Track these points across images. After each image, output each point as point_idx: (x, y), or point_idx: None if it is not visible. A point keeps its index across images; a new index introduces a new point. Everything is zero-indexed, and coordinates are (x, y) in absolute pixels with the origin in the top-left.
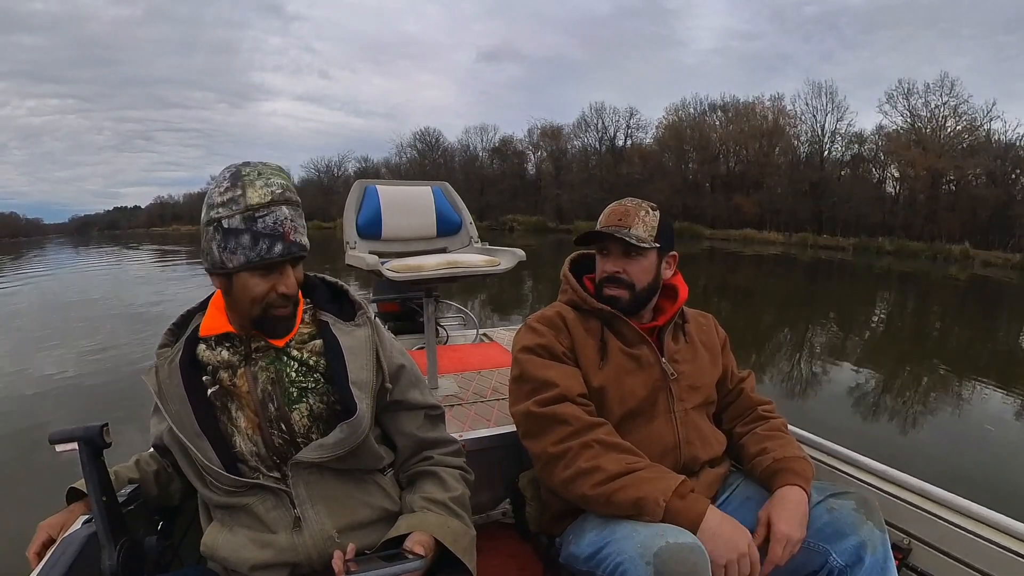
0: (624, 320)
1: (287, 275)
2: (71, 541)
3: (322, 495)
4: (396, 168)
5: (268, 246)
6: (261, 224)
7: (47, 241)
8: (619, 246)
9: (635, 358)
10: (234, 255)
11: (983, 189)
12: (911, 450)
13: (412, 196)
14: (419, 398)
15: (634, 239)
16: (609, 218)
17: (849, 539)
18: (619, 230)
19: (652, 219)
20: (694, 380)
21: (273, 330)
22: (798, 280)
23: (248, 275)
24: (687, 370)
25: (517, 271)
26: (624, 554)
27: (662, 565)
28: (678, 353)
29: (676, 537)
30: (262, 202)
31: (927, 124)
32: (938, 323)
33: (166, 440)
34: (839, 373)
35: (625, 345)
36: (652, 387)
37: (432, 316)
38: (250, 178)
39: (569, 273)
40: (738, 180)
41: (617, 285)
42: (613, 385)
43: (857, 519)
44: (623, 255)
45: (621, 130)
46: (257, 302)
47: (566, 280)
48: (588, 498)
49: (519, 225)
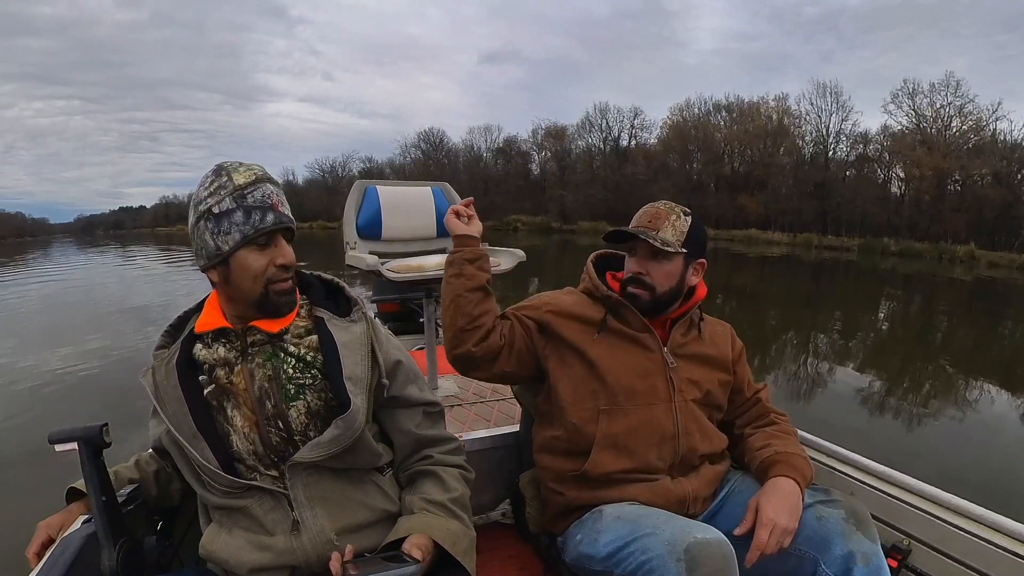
0: (630, 308)
1: (282, 246)
2: (71, 541)
3: (320, 497)
4: (400, 168)
5: (261, 217)
6: (251, 199)
7: (53, 241)
8: (645, 247)
9: (634, 340)
10: (228, 235)
11: (989, 189)
12: (913, 451)
13: (412, 196)
14: (417, 394)
15: (659, 242)
16: (640, 219)
17: (837, 548)
18: (646, 232)
19: (682, 224)
20: (693, 374)
21: (277, 309)
22: (803, 281)
23: (246, 252)
24: (688, 364)
25: (521, 272)
26: (651, 551)
27: (693, 561)
28: (683, 347)
29: (704, 533)
30: (248, 181)
31: (932, 124)
32: (943, 325)
33: (164, 442)
34: (842, 374)
35: (626, 327)
36: (650, 370)
37: (432, 316)
38: (232, 166)
39: (591, 265)
40: (743, 180)
41: (639, 286)
42: (607, 357)
43: (846, 529)
44: (649, 257)
45: (625, 130)
46: (259, 278)
47: (586, 270)
48: (447, 305)
49: (523, 225)
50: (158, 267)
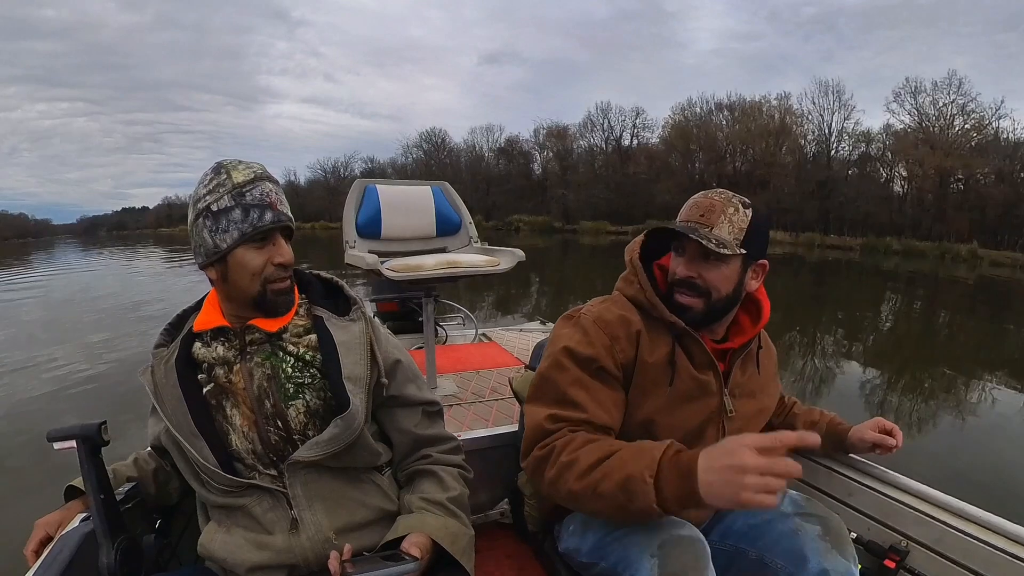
0: (696, 338)
1: (280, 245)
2: (69, 539)
3: (319, 495)
4: (402, 168)
5: (259, 215)
6: (249, 197)
7: (56, 242)
8: (697, 247)
9: (700, 384)
10: (227, 233)
11: (992, 188)
12: (914, 452)
13: (412, 196)
14: (416, 394)
15: (714, 242)
16: (690, 212)
17: (812, 566)
18: (699, 229)
19: (741, 219)
20: (746, 421)
21: (275, 308)
22: (805, 281)
23: (243, 250)
24: (745, 408)
25: (523, 272)
26: (630, 547)
27: (666, 556)
28: (742, 387)
29: (679, 530)
30: (247, 179)
31: (935, 123)
32: (946, 326)
33: (163, 440)
34: (844, 374)
35: (695, 369)
36: (704, 419)
37: (431, 316)
38: (232, 164)
39: (639, 262)
40: (745, 180)
41: (691, 292)
42: (664, 414)
43: (822, 547)
44: (701, 258)
45: (627, 130)
46: (256, 277)
47: (633, 270)
48: (575, 494)
49: (525, 225)
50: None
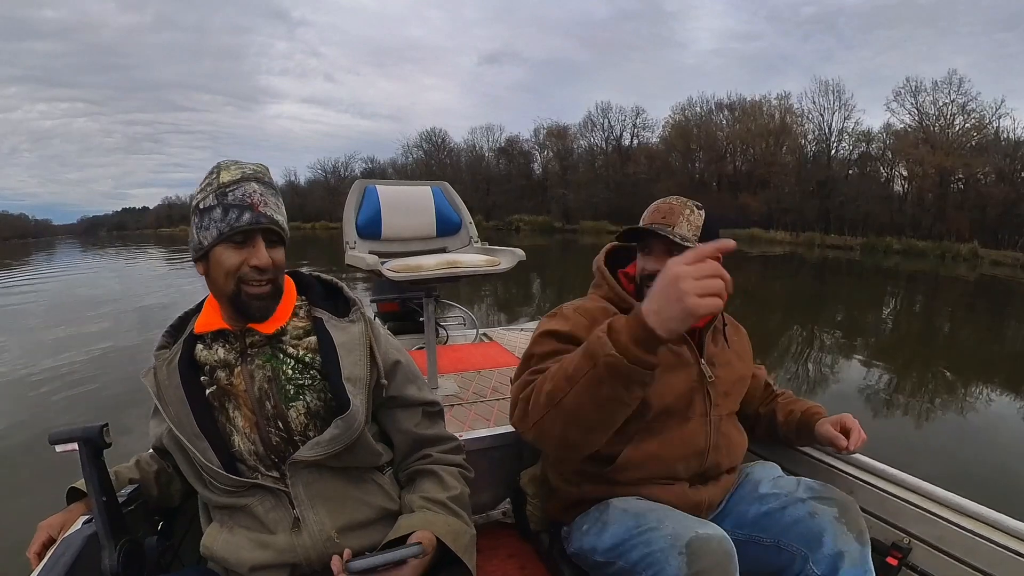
0: None
1: (259, 248)
2: (71, 541)
3: (321, 495)
4: (403, 168)
5: (237, 215)
6: (231, 197)
7: (57, 242)
8: (662, 245)
9: (676, 355)
10: (207, 231)
11: (992, 187)
12: (915, 449)
13: (412, 196)
14: (416, 394)
15: (677, 238)
16: (653, 216)
17: (827, 547)
18: (662, 228)
19: (697, 218)
20: (729, 386)
21: (248, 310)
22: (805, 280)
23: (222, 248)
24: (723, 374)
25: (523, 272)
26: (654, 544)
27: (694, 555)
28: (716, 356)
29: (706, 529)
30: (233, 179)
31: (935, 122)
32: (947, 325)
33: (165, 441)
34: (845, 373)
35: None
36: (690, 387)
37: (432, 316)
38: (225, 164)
39: (605, 267)
40: (745, 179)
41: None
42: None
43: (837, 529)
44: (665, 254)
45: (627, 130)
46: (231, 275)
47: (601, 275)
48: (552, 394)
49: (525, 225)
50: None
